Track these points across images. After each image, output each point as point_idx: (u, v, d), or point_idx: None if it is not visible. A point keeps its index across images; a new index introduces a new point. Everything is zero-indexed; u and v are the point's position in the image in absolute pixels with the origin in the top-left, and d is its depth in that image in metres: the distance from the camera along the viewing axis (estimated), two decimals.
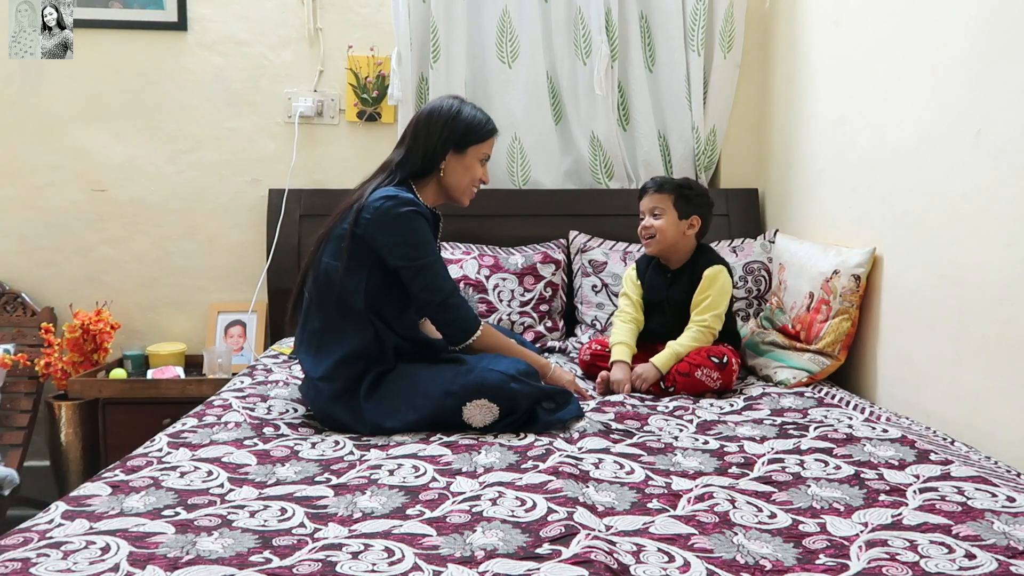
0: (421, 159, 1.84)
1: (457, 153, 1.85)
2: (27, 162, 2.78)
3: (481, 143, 1.88)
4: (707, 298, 2.08)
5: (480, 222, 2.76)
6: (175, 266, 2.86)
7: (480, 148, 1.88)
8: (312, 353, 1.77)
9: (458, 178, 1.87)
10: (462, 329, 1.78)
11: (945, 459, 1.45)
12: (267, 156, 2.84)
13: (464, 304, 1.80)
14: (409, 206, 1.74)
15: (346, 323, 1.74)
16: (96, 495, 1.28)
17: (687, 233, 2.12)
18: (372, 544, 1.10)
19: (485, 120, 1.88)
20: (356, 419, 1.69)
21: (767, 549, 1.10)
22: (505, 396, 1.65)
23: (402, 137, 1.90)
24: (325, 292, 1.76)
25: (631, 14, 2.77)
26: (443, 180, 1.87)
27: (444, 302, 1.76)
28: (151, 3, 2.75)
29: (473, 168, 1.89)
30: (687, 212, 2.11)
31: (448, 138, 1.84)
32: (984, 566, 1.04)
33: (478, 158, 1.89)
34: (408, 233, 1.73)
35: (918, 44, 1.88)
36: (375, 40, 2.81)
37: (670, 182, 2.13)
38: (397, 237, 1.73)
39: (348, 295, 1.74)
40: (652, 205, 2.12)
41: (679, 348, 2.05)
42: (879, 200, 2.04)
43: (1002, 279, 1.58)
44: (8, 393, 2.61)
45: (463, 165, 1.87)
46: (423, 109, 1.89)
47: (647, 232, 2.13)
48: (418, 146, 1.84)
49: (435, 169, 1.85)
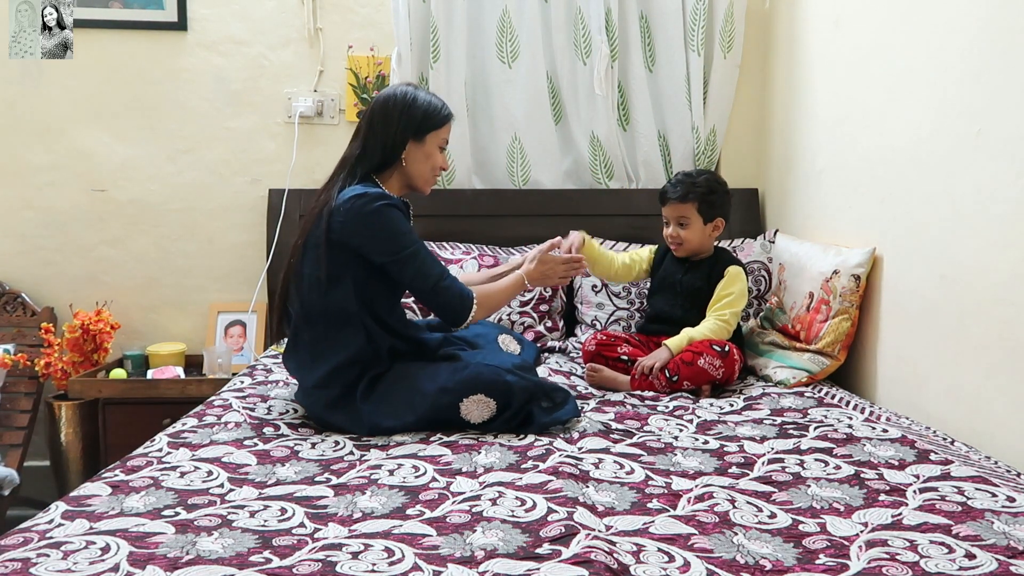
0: (380, 151, 1.79)
1: (416, 141, 1.81)
2: (27, 162, 2.78)
3: (439, 128, 1.83)
4: (730, 295, 2.12)
5: (480, 222, 2.76)
6: (175, 266, 2.86)
7: (439, 134, 1.84)
8: (306, 364, 1.76)
9: (419, 166, 1.83)
10: (457, 311, 1.77)
11: (945, 459, 1.45)
12: (267, 156, 2.83)
13: (454, 285, 1.77)
14: (380, 200, 1.72)
15: (338, 331, 1.73)
16: (96, 495, 1.28)
17: (712, 235, 2.19)
18: (372, 544, 1.10)
19: (441, 105, 1.85)
20: (354, 422, 1.69)
21: (767, 549, 1.10)
22: (500, 389, 1.65)
23: (356, 130, 1.84)
24: (312, 304, 1.74)
25: (631, 14, 2.77)
26: (405, 170, 1.83)
27: (435, 287, 1.75)
28: (151, 3, 2.75)
29: (433, 155, 1.84)
30: (711, 216, 2.16)
31: (407, 126, 1.79)
32: (984, 566, 1.04)
33: (437, 144, 1.85)
34: (385, 227, 1.71)
35: (918, 44, 1.88)
36: (375, 40, 2.81)
37: (693, 190, 2.14)
38: (376, 233, 1.71)
39: (337, 303, 1.72)
40: (678, 214, 2.16)
41: (694, 334, 2.07)
42: (879, 200, 2.04)
43: (1002, 279, 1.58)
44: (8, 393, 2.61)
45: (423, 153, 1.83)
46: (376, 99, 1.83)
47: (674, 241, 2.17)
48: (375, 138, 1.79)
49: (396, 160, 1.81)
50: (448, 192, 2.77)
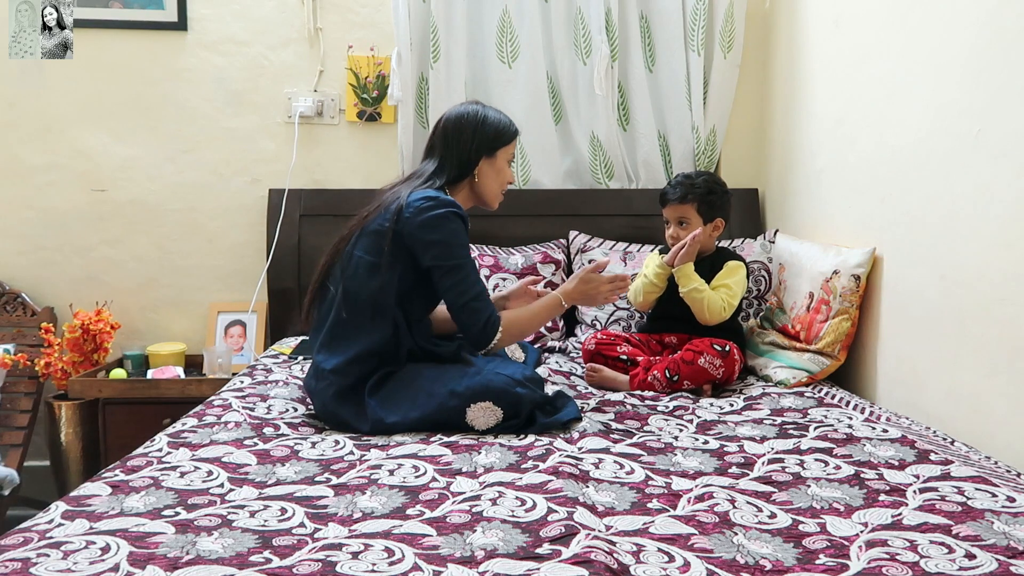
0: (457, 167, 1.86)
1: (489, 157, 1.88)
2: (27, 162, 2.78)
3: (508, 144, 1.91)
4: (726, 286, 2.14)
5: (480, 222, 2.74)
6: (175, 266, 2.86)
7: (508, 150, 1.92)
8: (327, 345, 1.77)
9: (490, 182, 1.91)
10: (480, 333, 1.77)
11: (945, 459, 1.45)
12: (267, 156, 2.83)
13: (485, 310, 1.77)
14: (451, 207, 1.76)
15: (371, 319, 1.74)
16: (96, 495, 1.28)
17: (713, 235, 2.19)
18: (372, 544, 1.10)
19: (508, 122, 1.92)
20: (359, 415, 1.70)
21: (767, 549, 1.10)
22: (510, 400, 1.66)
23: (430, 146, 1.92)
24: (358, 286, 1.76)
25: (631, 14, 2.77)
26: (476, 186, 1.90)
27: (466, 304, 1.76)
28: (151, 3, 2.75)
29: (503, 171, 1.93)
30: (711, 216, 2.17)
31: (480, 144, 1.87)
32: (984, 566, 1.04)
33: (507, 159, 1.92)
34: (447, 233, 1.74)
35: (918, 44, 1.88)
36: (375, 40, 2.81)
37: (693, 191, 2.15)
38: (436, 236, 1.74)
39: (382, 290, 1.74)
40: (678, 215, 2.17)
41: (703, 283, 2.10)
42: (879, 200, 2.04)
43: (1002, 279, 1.58)
44: (8, 393, 2.61)
45: (495, 169, 1.90)
46: (448, 117, 1.90)
47: (676, 242, 2.17)
48: (451, 154, 1.86)
49: (469, 175, 1.88)
50: None
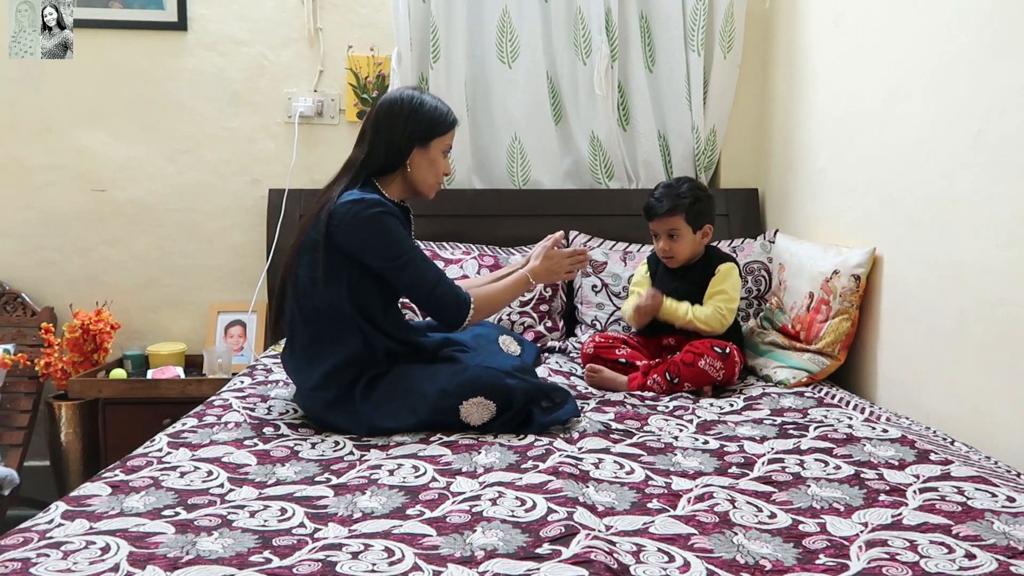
0: (384, 156, 1.78)
1: (421, 148, 1.79)
2: (27, 162, 2.78)
3: (444, 135, 1.81)
4: (722, 292, 2.13)
5: (480, 222, 2.76)
6: (175, 266, 2.86)
7: (443, 140, 1.82)
8: (303, 366, 1.76)
9: (424, 173, 1.82)
10: (453, 315, 1.77)
11: (945, 459, 1.45)
12: (267, 156, 2.84)
13: (451, 290, 1.77)
14: (376, 207, 1.70)
15: (334, 333, 1.72)
16: (96, 495, 1.28)
17: (702, 241, 2.19)
18: (372, 544, 1.10)
19: (447, 111, 1.83)
20: (353, 423, 1.69)
21: (767, 549, 1.10)
22: (501, 392, 1.65)
23: (361, 133, 1.82)
24: (308, 305, 1.74)
25: (631, 14, 2.77)
26: (409, 176, 1.82)
27: (431, 293, 1.75)
28: (151, 3, 2.75)
29: (438, 162, 1.83)
30: (700, 224, 2.16)
31: (412, 132, 1.77)
32: (984, 566, 1.04)
33: (441, 150, 1.83)
34: (380, 234, 1.70)
35: (918, 44, 1.88)
36: (375, 40, 2.81)
37: (679, 203, 2.11)
38: (371, 240, 1.70)
39: (332, 304, 1.72)
40: (667, 228, 2.15)
41: (692, 310, 2.10)
42: (879, 200, 2.04)
43: (1002, 279, 1.58)
44: (8, 393, 2.61)
45: (427, 159, 1.81)
46: (381, 102, 1.81)
47: (666, 255, 2.17)
48: (380, 142, 1.77)
49: (400, 165, 1.80)
50: (448, 192, 2.76)
